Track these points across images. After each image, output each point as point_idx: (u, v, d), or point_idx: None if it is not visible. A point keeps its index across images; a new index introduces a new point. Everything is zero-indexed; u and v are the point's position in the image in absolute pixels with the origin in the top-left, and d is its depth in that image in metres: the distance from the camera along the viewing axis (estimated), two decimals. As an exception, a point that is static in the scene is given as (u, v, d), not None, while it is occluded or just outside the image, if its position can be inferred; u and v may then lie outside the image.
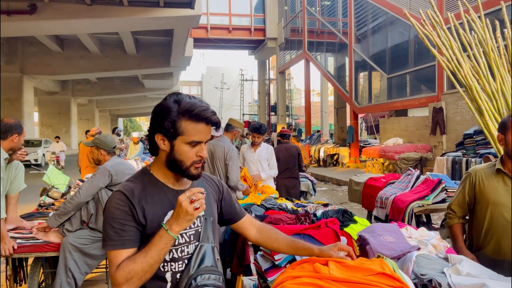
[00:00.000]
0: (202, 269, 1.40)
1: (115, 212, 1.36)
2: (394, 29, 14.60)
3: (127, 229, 1.35)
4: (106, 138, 3.47)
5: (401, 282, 1.35)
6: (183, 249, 1.43)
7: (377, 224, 2.22)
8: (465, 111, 10.42)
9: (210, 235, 1.48)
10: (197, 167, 1.42)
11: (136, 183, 1.44)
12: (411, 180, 5.25)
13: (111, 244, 1.34)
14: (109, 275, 1.33)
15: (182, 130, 1.38)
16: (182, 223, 1.29)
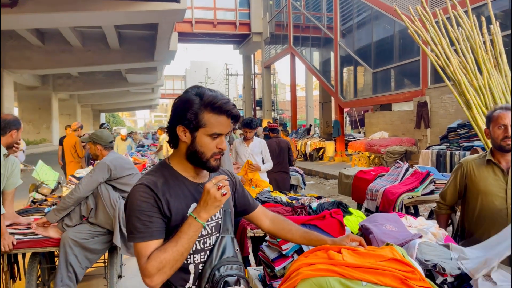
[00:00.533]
0: (224, 259, 1.44)
1: (141, 204, 1.36)
2: (379, 24, 14.78)
3: (154, 220, 1.36)
4: (102, 133, 3.47)
5: (412, 266, 1.42)
6: (205, 240, 1.46)
7: (378, 214, 2.30)
8: (448, 105, 10.66)
9: (230, 226, 1.52)
10: (216, 159, 1.44)
11: (157, 176, 1.44)
12: (400, 172, 5.37)
13: (139, 236, 1.35)
14: (139, 267, 1.34)
15: (205, 122, 1.40)
16: (210, 210, 1.32)
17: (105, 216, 3.18)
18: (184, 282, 1.43)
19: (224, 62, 45.54)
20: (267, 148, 5.39)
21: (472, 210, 2.54)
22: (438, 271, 1.67)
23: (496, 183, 2.43)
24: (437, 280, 1.64)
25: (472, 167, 2.54)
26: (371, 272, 1.37)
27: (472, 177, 2.52)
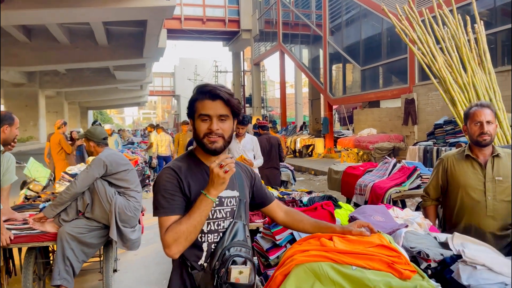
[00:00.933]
0: (235, 242, 1.58)
1: (166, 184, 1.55)
2: (367, 22, 14.95)
3: (176, 198, 1.54)
4: (95, 130, 3.53)
5: (398, 252, 1.52)
6: (219, 223, 1.61)
7: (366, 206, 2.41)
8: (435, 102, 10.87)
9: (243, 214, 1.66)
10: (211, 141, 1.55)
11: (183, 162, 1.64)
12: (388, 167, 5.51)
13: (162, 211, 1.53)
14: (160, 238, 1.51)
15: (195, 108, 1.59)
16: (217, 187, 1.46)
17: (102, 211, 3.24)
18: (197, 258, 1.58)
19: (214, 59, 45.49)
20: (258, 145, 5.48)
21: (453, 202, 2.67)
22: (422, 257, 1.78)
23: (475, 176, 2.57)
24: (421, 265, 1.75)
25: (453, 161, 2.67)
26: (360, 257, 1.47)
27: (452, 171, 2.66)
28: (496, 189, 2.52)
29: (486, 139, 2.47)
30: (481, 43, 4.62)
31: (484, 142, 2.48)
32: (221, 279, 1.49)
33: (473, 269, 1.64)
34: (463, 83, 4.35)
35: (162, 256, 5.17)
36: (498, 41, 9.78)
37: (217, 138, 1.55)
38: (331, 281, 1.40)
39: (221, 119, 1.56)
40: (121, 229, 3.28)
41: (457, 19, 4.74)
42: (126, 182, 3.38)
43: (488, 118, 2.48)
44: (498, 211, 2.52)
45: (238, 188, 1.68)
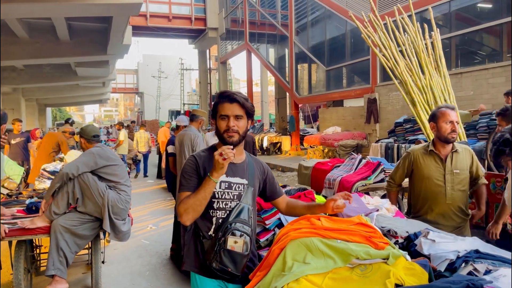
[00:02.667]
0: (238, 219, 1.91)
1: (186, 168, 1.97)
2: (332, 23, 15.50)
3: (192, 179, 1.94)
4: (87, 128, 3.70)
5: (374, 228, 1.85)
6: (227, 203, 1.95)
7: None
8: (395, 102, 11.52)
9: (249, 199, 1.99)
10: (229, 135, 1.91)
11: (205, 153, 2.03)
12: (355, 163, 5.92)
13: (181, 188, 1.93)
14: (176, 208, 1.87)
15: (217, 110, 1.97)
16: (218, 170, 1.80)
17: (94, 205, 3.41)
18: (208, 229, 1.94)
19: (179, 57, 45.07)
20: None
21: (418, 191, 3.07)
22: (391, 234, 2.12)
23: (436, 169, 2.97)
24: (391, 241, 2.09)
25: (418, 155, 3.07)
26: (343, 232, 1.78)
27: (418, 164, 3.05)
28: (454, 180, 2.94)
29: (454, 137, 2.89)
30: (437, 49, 5.10)
31: (453, 139, 2.90)
32: (220, 246, 1.84)
33: (432, 243, 1.99)
34: (422, 86, 4.81)
35: (142, 250, 5.34)
36: (452, 45, 10.52)
37: (233, 134, 1.91)
38: (321, 252, 1.70)
39: (237, 119, 1.92)
40: (114, 221, 3.45)
41: (416, 26, 5.20)
42: (116, 176, 3.56)
43: (456, 118, 2.90)
44: (455, 199, 2.95)
45: (248, 177, 2.01)
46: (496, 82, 8.73)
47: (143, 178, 12.75)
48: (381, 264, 1.64)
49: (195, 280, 1.97)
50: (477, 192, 3.12)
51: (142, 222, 6.75)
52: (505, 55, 9.15)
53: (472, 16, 10.24)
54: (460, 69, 9.95)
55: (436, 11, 10.41)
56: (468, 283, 1.47)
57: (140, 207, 8.10)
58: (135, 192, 9.60)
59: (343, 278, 1.62)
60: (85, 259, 4.66)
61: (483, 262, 1.78)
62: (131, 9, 16.15)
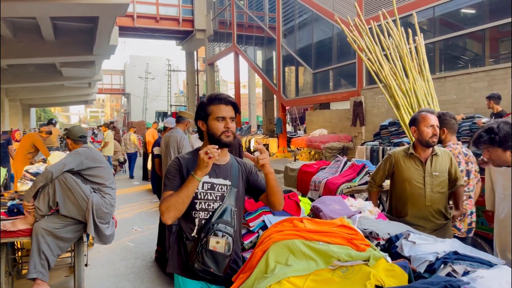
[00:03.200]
0: (221, 220, 1.91)
1: (170, 169, 1.99)
2: (318, 26, 15.61)
3: (175, 179, 1.95)
4: (73, 129, 3.67)
5: (355, 230, 1.87)
6: (209, 203, 1.96)
7: (326, 196, 2.76)
8: (381, 105, 11.65)
9: (232, 200, 2.00)
10: (227, 135, 1.95)
11: (190, 155, 2.05)
12: (340, 165, 5.97)
13: (164, 188, 1.94)
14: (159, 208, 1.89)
15: (211, 112, 1.98)
16: (202, 169, 1.81)
17: (78, 209, 3.36)
18: (191, 230, 1.95)
19: (167, 58, 44.80)
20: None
21: (399, 193, 3.12)
22: (373, 236, 2.15)
23: (417, 171, 3.03)
24: (372, 243, 2.12)
25: (399, 158, 3.12)
26: (326, 234, 1.80)
27: (399, 166, 3.10)
28: (433, 182, 3.00)
29: (435, 141, 2.95)
30: (421, 53, 5.18)
31: (433, 143, 2.95)
32: (202, 246, 1.86)
33: (412, 244, 2.03)
34: (405, 90, 4.88)
35: (126, 252, 5.30)
36: (436, 50, 10.69)
37: (230, 134, 1.97)
38: (303, 254, 1.72)
39: (232, 120, 1.98)
40: (98, 225, 3.42)
41: (400, 31, 5.28)
42: (101, 178, 3.52)
43: (436, 122, 2.95)
44: (435, 200, 3.00)
45: (232, 179, 2.01)
46: (478, 87, 8.90)
47: (129, 179, 12.65)
48: (362, 266, 1.66)
49: (178, 282, 1.97)
50: (455, 193, 3.20)
51: (127, 224, 6.69)
52: (487, 60, 9.34)
53: (455, 22, 10.43)
54: (444, 74, 10.12)
55: (421, 16, 10.57)
56: (446, 284, 1.50)
57: (126, 209, 8.03)
58: (121, 194, 9.52)
59: (325, 279, 1.64)
60: (68, 262, 4.60)
61: (462, 263, 1.82)
62: (117, 10, 16.02)
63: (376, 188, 3.36)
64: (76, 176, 3.42)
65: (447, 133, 3.52)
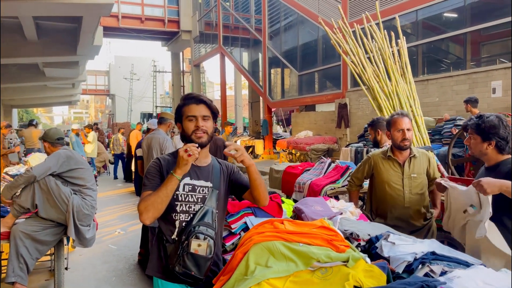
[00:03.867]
0: (202, 222, 1.88)
1: (150, 169, 1.95)
2: (304, 28, 15.69)
3: (155, 179, 1.92)
4: (50, 131, 3.60)
5: (335, 231, 1.88)
6: (190, 205, 1.93)
7: (308, 198, 2.77)
8: (365, 107, 11.76)
9: (214, 202, 1.96)
10: (198, 136, 1.90)
11: (171, 156, 2.02)
12: (324, 167, 6.00)
13: (143, 187, 1.91)
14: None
15: (183, 112, 1.96)
16: (181, 167, 1.78)
17: (57, 211, 3.31)
18: (171, 233, 1.91)
19: (152, 59, 44.47)
20: (204, 145, 5.71)
21: (379, 194, 3.16)
22: (354, 237, 2.16)
23: (395, 174, 3.07)
24: (353, 244, 2.13)
25: (378, 160, 3.17)
26: (306, 236, 1.81)
27: (378, 169, 3.14)
28: (412, 184, 3.04)
29: (407, 144, 2.98)
30: (404, 56, 5.25)
31: (405, 147, 2.99)
32: (183, 249, 1.82)
33: (392, 245, 2.05)
34: (388, 92, 4.93)
35: (109, 255, 5.23)
36: (419, 53, 10.85)
37: (202, 134, 1.91)
38: (283, 255, 1.72)
39: (205, 119, 1.93)
40: (79, 227, 3.36)
41: (382, 33, 5.34)
42: (82, 180, 3.47)
43: (407, 126, 2.98)
44: (413, 202, 3.05)
45: (213, 180, 1.99)
46: (460, 89, 9.06)
47: (113, 181, 12.50)
48: (341, 267, 1.67)
49: (158, 284, 1.95)
50: (433, 192, 3.27)
51: (110, 227, 6.61)
52: (469, 64, 9.51)
53: (438, 25, 10.61)
54: (427, 76, 10.27)
55: (404, 19, 10.72)
56: (422, 284, 1.52)
57: (108, 211, 7.93)
58: (104, 196, 9.40)
59: (304, 281, 1.64)
60: (48, 266, 4.52)
61: (439, 263, 1.84)
62: (101, 10, 15.84)
63: (356, 187, 3.43)
64: (56, 177, 3.36)
65: (382, 135, 4.00)
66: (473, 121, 2.44)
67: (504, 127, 2.37)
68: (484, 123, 2.38)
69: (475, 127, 2.41)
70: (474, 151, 2.47)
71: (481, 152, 2.42)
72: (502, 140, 2.36)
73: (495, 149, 2.38)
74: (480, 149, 2.41)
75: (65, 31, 22.27)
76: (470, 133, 2.46)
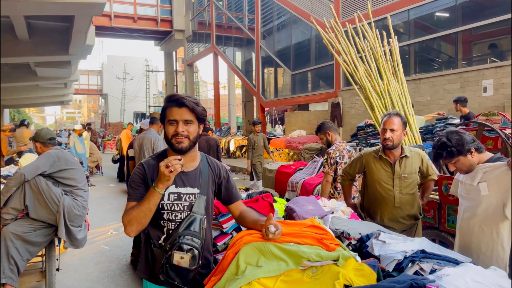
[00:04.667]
0: (188, 231, 1.83)
1: (134, 176, 1.87)
2: (297, 28, 15.72)
3: (139, 189, 1.84)
4: (41, 131, 3.57)
5: (325, 230, 1.88)
6: (176, 214, 1.87)
7: (299, 197, 2.78)
8: (358, 106, 11.81)
9: (202, 208, 1.89)
10: (178, 141, 1.80)
11: (155, 160, 1.91)
12: (317, 166, 6.03)
13: (128, 197, 1.85)
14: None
15: (165, 115, 1.86)
16: (163, 182, 1.69)
17: (48, 212, 3.28)
18: (158, 238, 1.88)
19: (145, 58, 44.29)
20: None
21: (370, 193, 3.18)
22: (345, 236, 2.17)
23: (386, 173, 3.09)
24: (344, 243, 2.14)
25: (370, 159, 3.18)
26: (296, 235, 1.81)
27: (369, 168, 3.16)
28: (402, 184, 3.05)
29: (388, 144, 2.99)
30: (395, 55, 5.27)
31: (387, 146, 3.00)
32: (166, 260, 1.78)
33: (382, 244, 2.06)
34: (380, 91, 4.95)
35: (101, 256, 5.20)
36: (411, 52, 10.90)
37: (183, 139, 1.81)
38: (273, 255, 1.72)
39: (187, 123, 1.82)
40: (70, 228, 3.34)
41: (375, 33, 5.36)
42: (74, 181, 3.45)
43: (392, 126, 2.98)
44: (403, 202, 3.06)
45: (201, 186, 1.91)
46: (451, 88, 9.12)
47: (105, 181, 12.44)
48: (331, 266, 1.67)
49: (146, 286, 1.94)
50: (423, 185, 3.30)
51: (103, 227, 6.57)
52: (460, 63, 9.58)
53: (430, 25, 10.67)
54: (419, 75, 10.33)
55: (396, 19, 10.77)
56: (412, 282, 1.52)
57: (101, 211, 7.89)
58: (96, 196, 9.34)
59: (295, 280, 1.65)
60: (39, 267, 4.48)
61: (429, 261, 1.85)
62: (93, 9, 15.69)
63: (348, 181, 3.43)
64: (47, 178, 3.34)
65: (332, 135, 4.29)
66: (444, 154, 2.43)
67: (463, 133, 2.43)
68: (452, 146, 2.40)
69: (449, 156, 2.42)
70: (465, 169, 2.47)
71: (471, 164, 2.45)
72: (474, 142, 2.43)
73: (476, 153, 2.43)
74: (469, 163, 2.44)
75: (57, 31, 22.08)
76: (448, 161, 2.46)
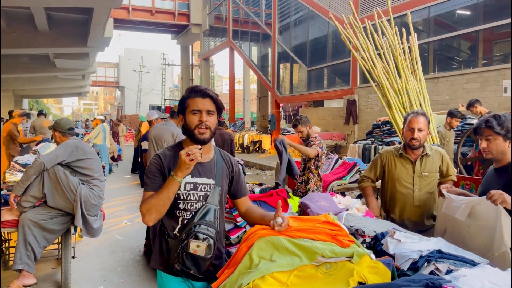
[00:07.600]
0: (203, 221, 1.85)
1: (151, 167, 1.89)
2: (314, 24, 15.60)
3: (156, 179, 1.87)
4: (61, 121, 3.63)
5: (340, 226, 1.87)
6: (192, 204, 1.89)
7: (314, 193, 2.77)
8: (374, 104, 11.68)
9: (216, 199, 1.92)
10: (201, 132, 1.84)
11: (171, 151, 1.94)
12: (331, 163, 5.99)
13: (145, 187, 1.87)
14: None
15: (187, 105, 1.89)
16: (183, 170, 1.73)
17: (65, 201, 3.34)
18: (173, 228, 1.89)
19: (161, 52, 44.56)
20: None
21: (389, 192, 3.14)
22: (359, 233, 2.16)
23: (406, 171, 3.04)
24: (358, 240, 2.12)
25: (390, 157, 3.13)
26: (310, 231, 1.80)
27: (389, 166, 3.11)
28: (422, 182, 3.01)
29: (415, 144, 2.93)
30: (414, 53, 5.19)
31: (413, 146, 2.95)
32: (182, 249, 1.80)
33: (397, 242, 2.04)
34: (398, 89, 4.89)
35: (115, 245, 5.28)
36: (430, 50, 10.73)
37: (205, 130, 1.85)
38: (287, 250, 1.72)
39: (209, 114, 1.86)
40: (86, 217, 3.40)
41: (394, 30, 5.28)
42: (90, 170, 3.51)
43: (419, 126, 2.91)
44: (423, 201, 3.01)
45: (216, 177, 1.93)
46: (471, 88, 8.95)
47: (120, 173, 12.60)
48: (345, 263, 1.66)
49: (161, 277, 1.96)
50: (442, 183, 3.18)
51: (117, 218, 6.66)
52: (480, 62, 9.39)
53: (450, 22, 10.47)
54: (437, 74, 10.17)
55: (416, 16, 10.60)
56: (427, 282, 1.51)
57: (116, 202, 7.99)
58: (111, 187, 9.47)
59: (308, 275, 1.64)
60: (55, 254, 4.57)
61: (445, 262, 1.83)
62: (112, 2, 15.82)
63: (369, 182, 3.26)
64: (64, 167, 3.39)
65: (311, 129, 4.91)
66: (493, 123, 2.32)
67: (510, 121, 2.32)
68: (500, 122, 2.29)
69: (493, 128, 2.30)
70: (494, 151, 2.36)
71: (503, 152, 2.34)
72: None
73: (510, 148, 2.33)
74: (502, 148, 2.33)
75: (76, 23, 22.34)
76: (487, 135, 2.35)
